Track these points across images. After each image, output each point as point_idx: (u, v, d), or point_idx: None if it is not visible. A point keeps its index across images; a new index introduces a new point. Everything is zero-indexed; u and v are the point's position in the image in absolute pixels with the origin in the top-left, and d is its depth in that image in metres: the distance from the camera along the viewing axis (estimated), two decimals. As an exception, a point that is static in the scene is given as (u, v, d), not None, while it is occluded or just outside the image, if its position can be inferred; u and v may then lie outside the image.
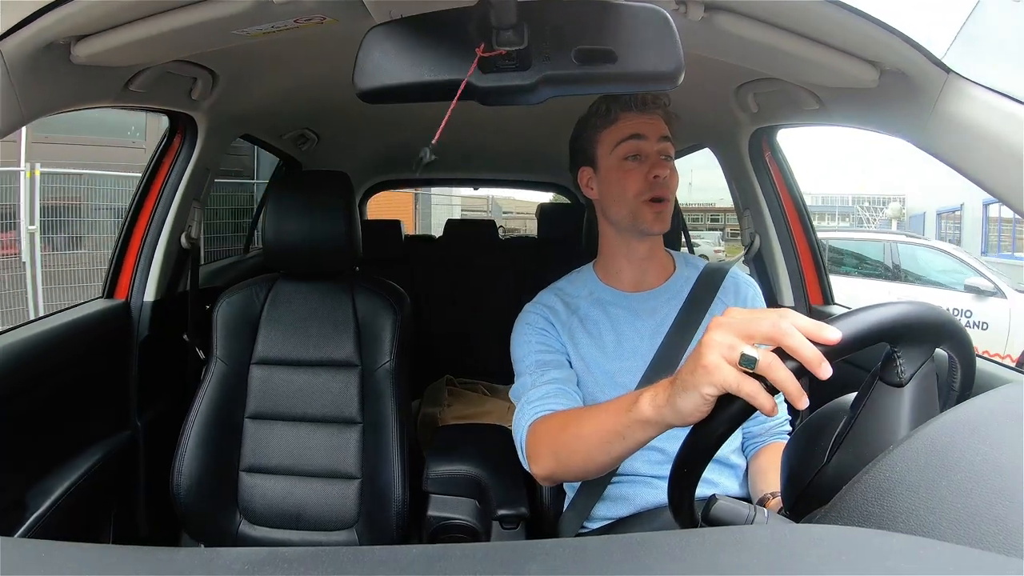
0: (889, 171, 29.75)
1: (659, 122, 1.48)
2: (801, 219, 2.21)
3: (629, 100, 1.46)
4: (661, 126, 1.48)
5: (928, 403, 0.85)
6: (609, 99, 1.49)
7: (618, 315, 1.50)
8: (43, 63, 1.26)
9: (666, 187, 1.45)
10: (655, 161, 1.45)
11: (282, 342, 1.86)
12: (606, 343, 1.48)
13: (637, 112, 1.47)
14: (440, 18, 0.96)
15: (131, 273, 2.06)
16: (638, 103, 1.46)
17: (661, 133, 1.47)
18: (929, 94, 1.16)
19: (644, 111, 1.47)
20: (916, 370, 0.85)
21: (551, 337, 1.49)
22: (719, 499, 0.93)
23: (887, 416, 0.85)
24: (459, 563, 0.45)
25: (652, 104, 1.47)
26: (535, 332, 1.49)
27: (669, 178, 1.46)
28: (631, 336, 1.49)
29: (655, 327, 1.49)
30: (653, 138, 1.46)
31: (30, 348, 1.64)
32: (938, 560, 0.41)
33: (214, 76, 1.82)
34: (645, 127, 1.46)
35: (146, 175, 2.11)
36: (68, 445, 1.77)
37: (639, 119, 1.47)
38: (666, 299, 1.52)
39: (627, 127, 1.46)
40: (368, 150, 3.50)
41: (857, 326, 0.83)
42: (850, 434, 0.88)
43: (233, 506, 1.82)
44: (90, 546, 0.47)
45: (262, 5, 1.17)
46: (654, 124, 1.47)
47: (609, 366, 1.47)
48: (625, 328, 1.49)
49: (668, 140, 1.48)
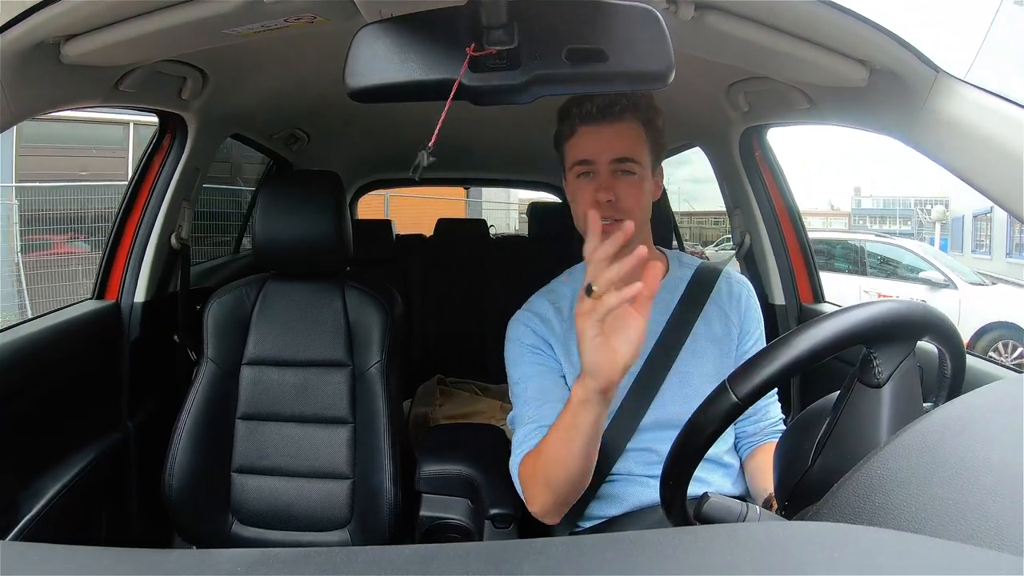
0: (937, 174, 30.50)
1: (617, 138, 1.39)
2: (791, 218, 2.21)
3: (587, 109, 1.39)
4: (617, 145, 1.39)
5: (909, 401, 0.86)
6: (572, 105, 1.42)
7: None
8: (32, 62, 1.25)
9: (614, 209, 1.37)
10: (604, 179, 1.39)
11: (273, 342, 1.85)
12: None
13: (594, 123, 1.39)
14: (430, 17, 0.96)
15: (121, 274, 2.05)
16: (595, 112, 1.38)
17: (615, 155, 1.38)
18: (919, 93, 1.17)
19: (602, 121, 1.39)
20: (894, 369, 0.85)
21: (543, 355, 1.48)
22: (711, 497, 0.94)
23: (867, 417, 0.86)
24: (452, 563, 0.45)
25: (609, 112, 1.38)
26: (527, 352, 1.48)
27: (622, 198, 1.38)
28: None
29: (649, 328, 1.47)
30: (603, 161, 1.39)
31: (20, 350, 1.64)
32: (929, 556, 0.41)
33: (204, 76, 1.81)
34: (596, 148, 1.39)
35: (136, 175, 2.10)
36: (59, 447, 1.76)
37: (595, 133, 1.39)
38: (659, 301, 1.48)
39: (580, 147, 1.42)
40: (359, 150, 3.50)
41: (825, 334, 0.85)
42: (832, 435, 0.89)
43: (225, 507, 1.81)
44: (82, 548, 0.46)
45: (252, 4, 1.17)
46: (609, 142, 1.39)
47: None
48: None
49: (628, 160, 1.39)
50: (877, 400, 0.85)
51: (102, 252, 2.11)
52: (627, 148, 1.39)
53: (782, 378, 0.86)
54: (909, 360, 0.86)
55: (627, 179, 1.39)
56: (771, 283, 2.22)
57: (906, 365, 0.86)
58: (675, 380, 1.44)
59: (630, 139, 1.40)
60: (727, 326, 1.50)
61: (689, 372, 1.45)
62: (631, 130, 1.40)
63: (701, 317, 1.48)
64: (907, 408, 0.85)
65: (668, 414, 1.42)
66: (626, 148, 1.39)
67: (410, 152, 1.00)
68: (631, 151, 1.39)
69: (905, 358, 0.86)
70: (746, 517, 0.92)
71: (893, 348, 0.86)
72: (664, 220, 2.09)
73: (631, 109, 1.39)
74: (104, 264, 2.08)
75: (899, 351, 0.86)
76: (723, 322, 1.50)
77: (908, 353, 0.86)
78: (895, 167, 9.34)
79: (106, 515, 1.90)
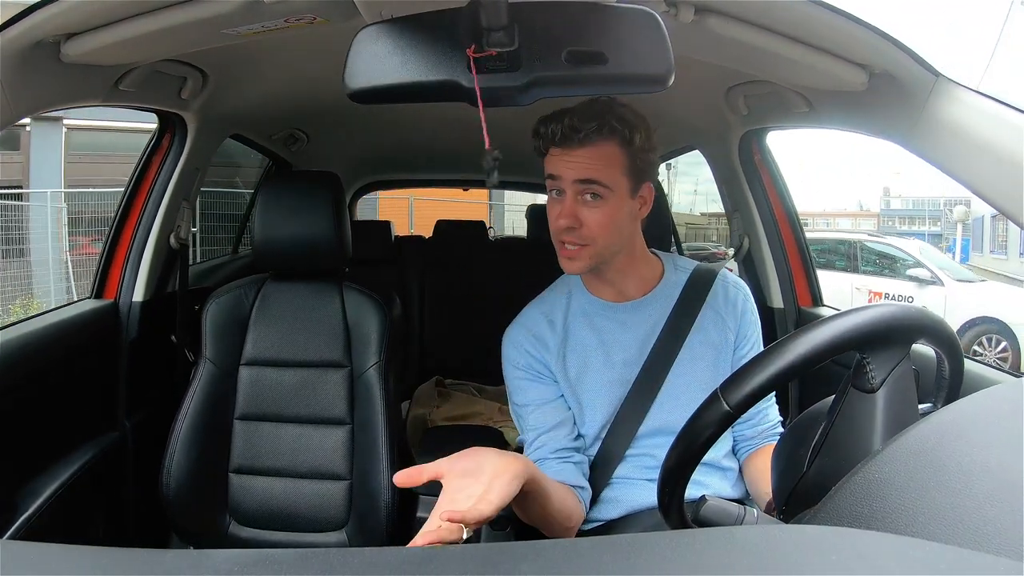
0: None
1: (583, 160, 1.34)
2: (790, 221, 2.21)
3: (552, 131, 1.34)
4: (582, 168, 1.34)
5: (904, 405, 0.86)
6: (540, 126, 1.37)
7: (605, 327, 1.48)
8: (32, 61, 1.25)
9: (576, 235, 1.36)
10: (568, 203, 1.35)
11: (271, 343, 1.85)
12: (595, 358, 1.46)
13: (560, 147, 1.35)
14: (431, 19, 0.96)
15: (120, 273, 2.05)
16: (559, 138, 1.33)
17: (579, 176, 1.34)
18: (918, 97, 1.17)
19: (563, 147, 1.34)
20: (888, 374, 0.85)
21: (538, 377, 1.47)
22: (709, 500, 0.94)
23: (861, 422, 0.86)
24: (449, 564, 0.45)
25: (573, 138, 1.32)
26: (523, 375, 1.48)
27: (586, 224, 1.35)
28: (620, 348, 1.46)
29: (644, 336, 1.46)
30: (568, 179, 1.34)
31: (18, 348, 1.63)
32: (927, 560, 0.41)
33: (204, 76, 1.81)
34: (562, 166, 1.35)
35: (135, 175, 2.10)
36: (56, 446, 1.76)
37: (562, 155, 1.35)
38: (654, 307, 1.48)
39: (549, 163, 1.38)
40: (358, 150, 3.50)
41: (817, 340, 0.85)
42: (827, 441, 0.89)
43: (222, 507, 1.81)
44: (79, 548, 0.46)
45: (252, 4, 1.17)
46: (574, 165, 1.34)
47: (600, 378, 1.45)
48: (614, 340, 1.47)
49: (594, 183, 1.34)
50: (871, 405, 0.85)
51: (101, 251, 2.10)
52: (593, 171, 1.34)
53: (774, 386, 0.87)
54: (903, 364, 0.86)
55: (593, 203, 1.35)
56: (770, 286, 2.22)
57: (900, 369, 0.86)
58: (672, 386, 1.44)
59: (599, 161, 1.34)
60: (723, 331, 1.49)
61: (686, 378, 1.44)
62: (602, 152, 1.34)
63: (697, 322, 1.47)
64: (902, 412, 0.85)
65: (666, 421, 1.42)
66: (591, 171, 1.34)
67: (410, 153, 1.01)
68: (597, 174, 1.34)
69: (899, 363, 0.86)
70: (743, 520, 0.92)
71: (886, 353, 0.86)
72: (661, 225, 2.09)
73: (600, 132, 1.32)
74: (103, 263, 2.08)
75: (892, 356, 0.86)
76: (719, 327, 1.49)
77: (902, 357, 0.86)
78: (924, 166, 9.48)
79: (103, 514, 1.90)
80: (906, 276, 9.87)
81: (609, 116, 1.32)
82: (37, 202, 10.61)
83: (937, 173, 1.17)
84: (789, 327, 2.16)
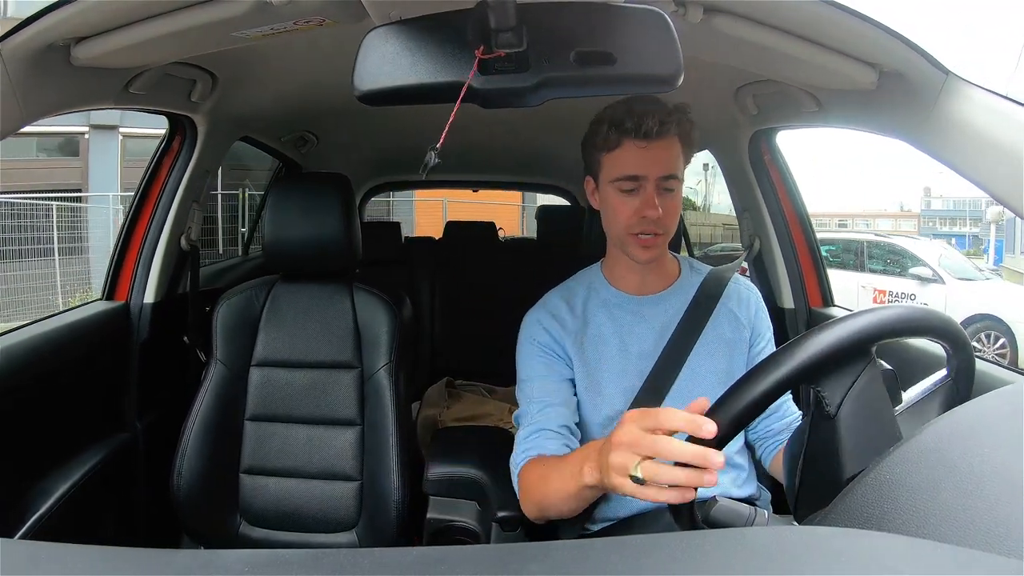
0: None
1: (664, 155, 1.39)
2: (801, 221, 2.20)
3: (634, 127, 1.37)
4: (664, 162, 1.39)
5: (869, 419, 0.86)
6: (625, 118, 1.39)
7: (623, 318, 1.50)
8: (43, 65, 1.26)
9: (657, 224, 1.40)
10: (649, 198, 1.39)
11: (282, 344, 1.86)
12: (612, 347, 1.48)
13: (645, 140, 1.37)
14: (439, 20, 0.96)
15: (131, 275, 2.06)
16: (642, 132, 1.36)
17: (663, 172, 1.39)
18: (928, 95, 1.16)
19: (649, 140, 1.37)
20: (843, 397, 0.86)
21: (553, 358, 1.49)
22: (719, 501, 0.94)
23: (827, 446, 0.87)
24: (459, 565, 0.45)
25: (664, 131, 1.37)
26: (537, 351, 1.50)
27: (665, 214, 1.40)
28: (636, 339, 1.49)
29: (660, 329, 1.49)
30: (652, 177, 1.39)
31: (30, 350, 1.64)
32: (939, 561, 0.41)
33: (214, 78, 1.82)
34: (645, 166, 1.39)
35: (146, 177, 2.10)
36: (68, 446, 1.77)
37: (645, 150, 1.38)
38: (671, 303, 1.52)
39: (627, 162, 1.40)
40: (368, 152, 3.50)
41: (762, 388, 0.86)
42: (805, 462, 0.90)
43: (233, 507, 1.82)
44: (90, 548, 0.46)
45: (261, 7, 1.18)
46: (657, 160, 1.39)
47: (615, 367, 1.47)
48: (631, 330, 1.49)
49: (674, 177, 1.40)
50: (833, 430, 0.86)
51: (111, 253, 2.11)
52: (673, 166, 1.41)
53: (728, 439, 0.89)
54: (863, 379, 0.86)
55: (669, 196, 1.41)
56: (780, 287, 2.21)
57: (860, 385, 0.86)
58: (686, 380, 1.45)
59: (675, 155, 1.41)
60: (737, 328, 1.52)
61: (700, 371, 1.47)
62: (674, 147, 1.41)
63: (712, 319, 1.49)
64: (867, 428, 0.85)
65: None
66: (672, 167, 1.40)
67: (419, 154, 1.01)
68: (676, 168, 1.41)
69: (855, 380, 0.86)
70: (754, 521, 0.92)
71: (834, 378, 0.86)
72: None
73: (677, 126, 1.40)
74: (113, 265, 2.09)
75: (843, 378, 0.86)
76: (733, 324, 1.52)
77: (856, 376, 0.86)
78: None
79: (114, 515, 1.90)
80: (908, 274, 10.16)
81: (677, 112, 1.40)
82: (95, 204, 11.84)
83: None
84: (800, 327, 2.15)
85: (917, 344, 1.59)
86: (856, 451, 0.83)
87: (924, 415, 0.91)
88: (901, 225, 36.76)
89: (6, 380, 1.54)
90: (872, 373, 0.86)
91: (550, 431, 1.40)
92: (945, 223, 36.44)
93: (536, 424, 1.42)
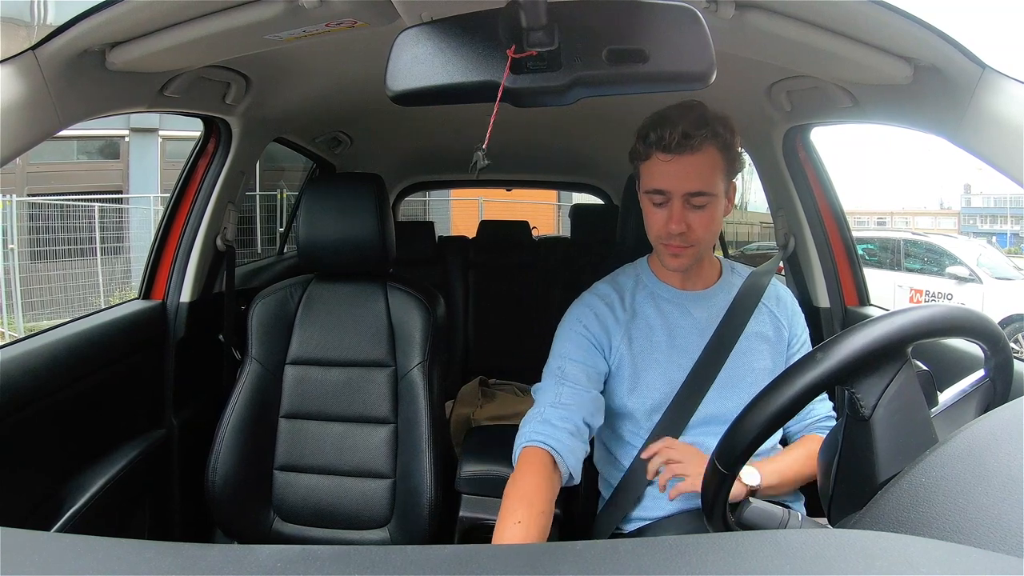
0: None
1: (691, 170, 1.37)
2: (836, 219, 2.17)
3: (665, 138, 1.36)
4: (691, 178, 1.37)
5: (904, 421, 0.85)
6: (651, 130, 1.38)
7: (670, 311, 1.52)
8: (79, 70, 1.28)
9: (683, 238, 1.41)
10: (677, 211, 1.39)
11: (316, 342, 1.88)
12: (659, 338, 1.50)
13: (670, 153, 1.37)
14: (470, 20, 0.96)
15: (167, 274, 2.09)
16: (673, 144, 1.35)
17: (689, 189, 1.38)
18: (964, 90, 1.14)
19: (675, 153, 1.36)
20: (879, 399, 0.84)
21: (595, 347, 1.49)
22: (752, 502, 0.93)
23: (862, 450, 0.86)
24: (490, 563, 0.45)
25: (687, 145, 1.35)
26: (579, 332, 1.50)
27: (693, 228, 1.40)
28: (682, 332, 1.50)
29: (703, 326, 1.50)
30: (677, 193, 1.38)
31: (69, 347, 1.67)
32: (974, 567, 0.41)
33: (247, 81, 1.84)
34: (670, 181, 1.38)
35: (182, 178, 2.14)
36: (105, 442, 1.81)
37: (671, 163, 1.37)
38: (714, 301, 1.53)
39: (654, 175, 1.41)
40: (401, 152, 3.52)
41: (793, 392, 0.87)
42: (840, 467, 0.89)
43: (266, 503, 1.84)
44: (125, 541, 0.47)
45: (293, 10, 1.19)
46: (683, 175, 1.37)
47: (661, 359, 1.48)
48: (677, 324, 1.51)
49: (702, 194, 1.38)
50: (868, 432, 0.84)
51: (148, 253, 2.15)
52: (701, 183, 1.38)
53: (764, 438, 0.89)
54: (898, 380, 0.85)
55: (699, 211, 1.40)
56: (815, 286, 2.19)
57: (893, 388, 0.85)
58: (727, 376, 1.46)
59: (706, 170, 1.38)
60: (778, 328, 1.54)
61: (741, 368, 1.48)
62: (708, 160, 1.38)
63: (754, 318, 1.51)
64: (903, 430, 0.84)
65: (719, 409, 1.45)
66: (700, 183, 1.38)
67: (452, 153, 1.02)
68: (705, 184, 1.38)
69: (891, 382, 0.85)
70: (787, 523, 0.91)
71: (870, 380, 0.85)
72: None
73: (708, 139, 1.36)
74: (150, 265, 2.12)
75: (879, 380, 0.85)
76: (774, 324, 1.54)
77: (892, 377, 0.85)
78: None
79: (149, 510, 1.94)
80: (945, 274, 10.03)
81: (712, 122, 1.36)
82: (135, 205, 12.17)
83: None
84: (836, 327, 2.13)
85: (954, 344, 1.56)
86: (891, 454, 0.82)
87: (961, 417, 0.89)
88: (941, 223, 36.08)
89: (46, 376, 1.57)
90: (908, 374, 0.85)
91: (564, 426, 1.38)
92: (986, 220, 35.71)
93: (546, 405, 1.43)
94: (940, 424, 0.87)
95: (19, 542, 0.47)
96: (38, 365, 1.56)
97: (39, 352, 1.58)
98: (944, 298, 9.67)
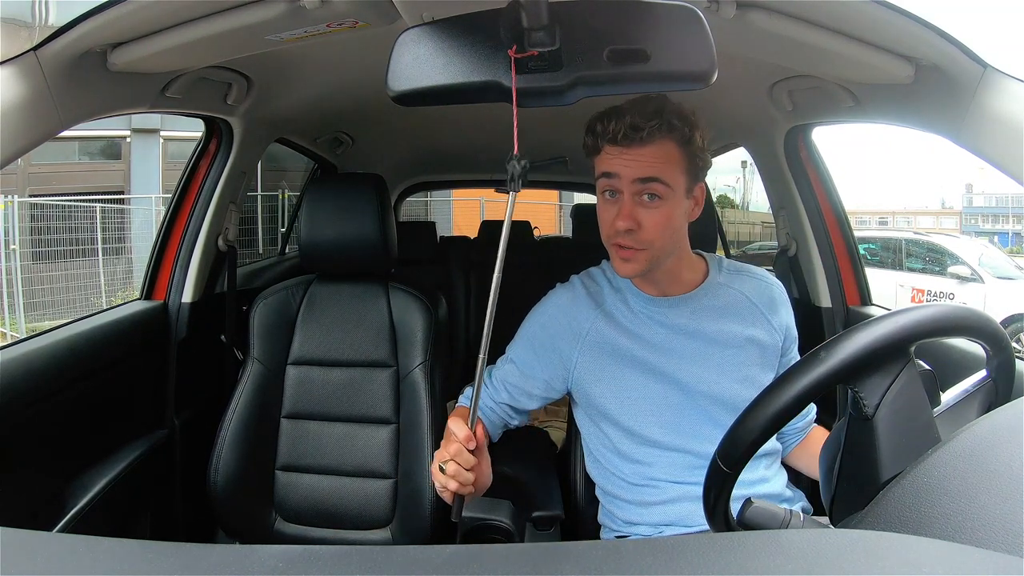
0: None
1: (643, 159, 1.30)
2: (838, 218, 2.17)
3: (612, 130, 1.30)
4: (644, 164, 1.30)
5: (907, 421, 0.84)
6: (596, 122, 1.34)
7: (642, 319, 1.47)
8: (80, 70, 1.28)
9: (633, 239, 1.33)
10: (626, 204, 1.32)
11: (318, 343, 1.88)
12: (631, 346, 1.45)
13: (614, 146, 1.31)
14: (471, 20, 0.96)
15: (169, 275, 2.10)
16: (619, 136, 1.29)
17: (640, 175, 1.30)
18: (966, 89, 1.14)
19: (623, 145, 1.30)
20: (882, 398, 0.84)
21: (551, 352, 1.52)
22: (754, 503, 0.93)
23: (864, 449, 0.86)
24: (492, 564, 0.45)
25: (635, 137, 1.28)
26: (541, 337, 1.54)
27: (644, 227, 1.32)
28: (652, 340, 1.45)
29: (681, 331, 1.45)
30: (627, 178, 1.31)
31: (71, 347, 1.68)
32: (976, 567, 0.40)
33: (249, 81, 1.84)
34: (620, 165, 1.31)
35: (183, 179, 2.14)
36: (107, 442, 1.81)
37: (620, 154, 1.31)
38: (691, 306, 1.46)
39: (604, 161, 1.34)
40: (403, 152, 3.52)
41: (795, 391, 0.86)
42: (842, 467, 0.89)
43: (268, 504, 1.84)
44: (127, 541, 0.47)
45: (295, 10, 1.19)
46: (634, 162, 1.30)
47: (634, 368, 1.45)
48: (649, 332, 1.46)
49: (655, 180, 1.30)
50: (870, 431, 0.84)
51: (150, 254, 2.15)
52: (654, 168, 1.30)
53: (767, 437, 0.89)
54: (901, 379, 0.85)
55: (652, 205, 1.32)
56: (817, 285, 2.18)
57: (896, 387, 0.84)
58: (713, 385, 1.42)
59: (659, 159, 1.30)
60: (770, 332, 1.48)
61: (730, 376, 1.43)
62: (661, 151, 1.30)
63: (741, 322, 1.45)
64: (905, 429, 0.84)
65: (710, 416, 1.42)
66: (653, 168, 1.30)
67: (453, 153, 1.01)
68: (659, 171, 1.30)
69: (893, 381, 0.85)
70: (789, 524, 0.91)
71: (872, 379, 0.85)
72: (708, 225, 2.06)
73: (660, 130, 1.29)
74: (152, 265, 2.12)
75: (881, 379, 0.85)
76: (766, 328, 1.48)
77: (894, 376, 0.85)
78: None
79: (151, 510, 1.94)
80: (946, 273, 10.01)
81: (668, 114, 1.29)
82: (137, 206, 12.19)
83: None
84: (838, 327, 2.12)
85: (956, 344, 1.56)
86: (893, 453, 0.82)
87: (963, 417, 0.89)
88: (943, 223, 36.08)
89: (48, 376, 1.57)
90: (910, 374, 0.85)
91: (492, 405, 1.57)
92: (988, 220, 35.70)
93: (498, 390, 1.57)
94: (942, 424, 0.87)
95: (20, 542, 0.47)
96: (40, 366, 1.56)
97: (41, 353, 1.58)
98: (946, 298, 9.66)
